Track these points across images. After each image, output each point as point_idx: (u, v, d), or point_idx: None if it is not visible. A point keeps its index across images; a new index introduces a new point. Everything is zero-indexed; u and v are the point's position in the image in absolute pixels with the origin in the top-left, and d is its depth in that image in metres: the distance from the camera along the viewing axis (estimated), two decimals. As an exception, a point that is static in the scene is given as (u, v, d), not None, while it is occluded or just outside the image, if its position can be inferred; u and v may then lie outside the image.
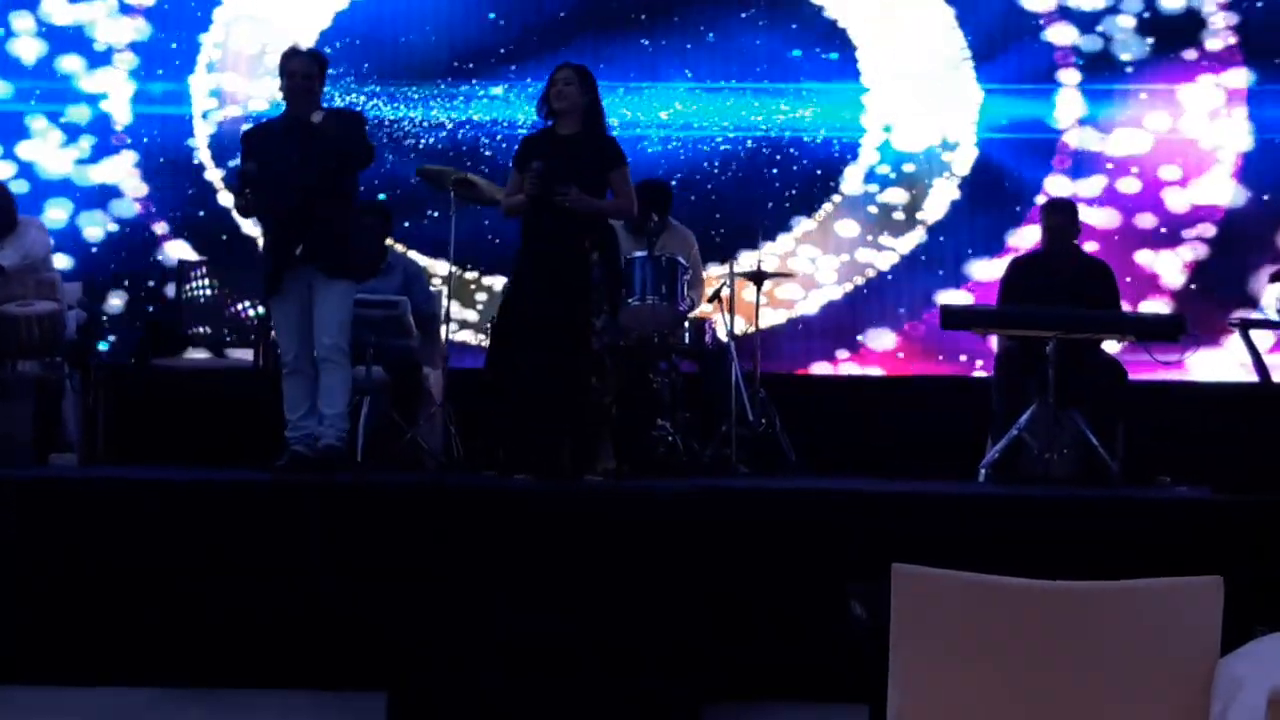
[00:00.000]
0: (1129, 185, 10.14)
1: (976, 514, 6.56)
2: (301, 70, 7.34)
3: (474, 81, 10.39)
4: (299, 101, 7.34)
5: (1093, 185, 10.13)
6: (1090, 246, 9.08)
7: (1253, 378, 7.78)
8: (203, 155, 10.43)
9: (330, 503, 6.53)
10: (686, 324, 8.33)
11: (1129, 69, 10.20)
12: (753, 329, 8.71)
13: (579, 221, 7.18)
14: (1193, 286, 10.09)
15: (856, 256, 10.27)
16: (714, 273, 9.04)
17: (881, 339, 10.21)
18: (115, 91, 10.43)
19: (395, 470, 7.81)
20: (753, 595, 6.37)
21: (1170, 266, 10.10)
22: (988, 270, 10.01)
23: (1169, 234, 10.11)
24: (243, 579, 6.43)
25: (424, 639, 6.02)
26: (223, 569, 6.44)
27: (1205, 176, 10.13)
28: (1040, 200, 9.55)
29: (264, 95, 10.40)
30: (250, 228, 10.22)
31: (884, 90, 10.29)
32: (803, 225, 10.26)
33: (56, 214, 10.30)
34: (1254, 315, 8.33)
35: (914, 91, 10.28)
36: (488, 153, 10.28)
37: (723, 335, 8.45)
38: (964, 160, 10.24)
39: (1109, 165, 10.16)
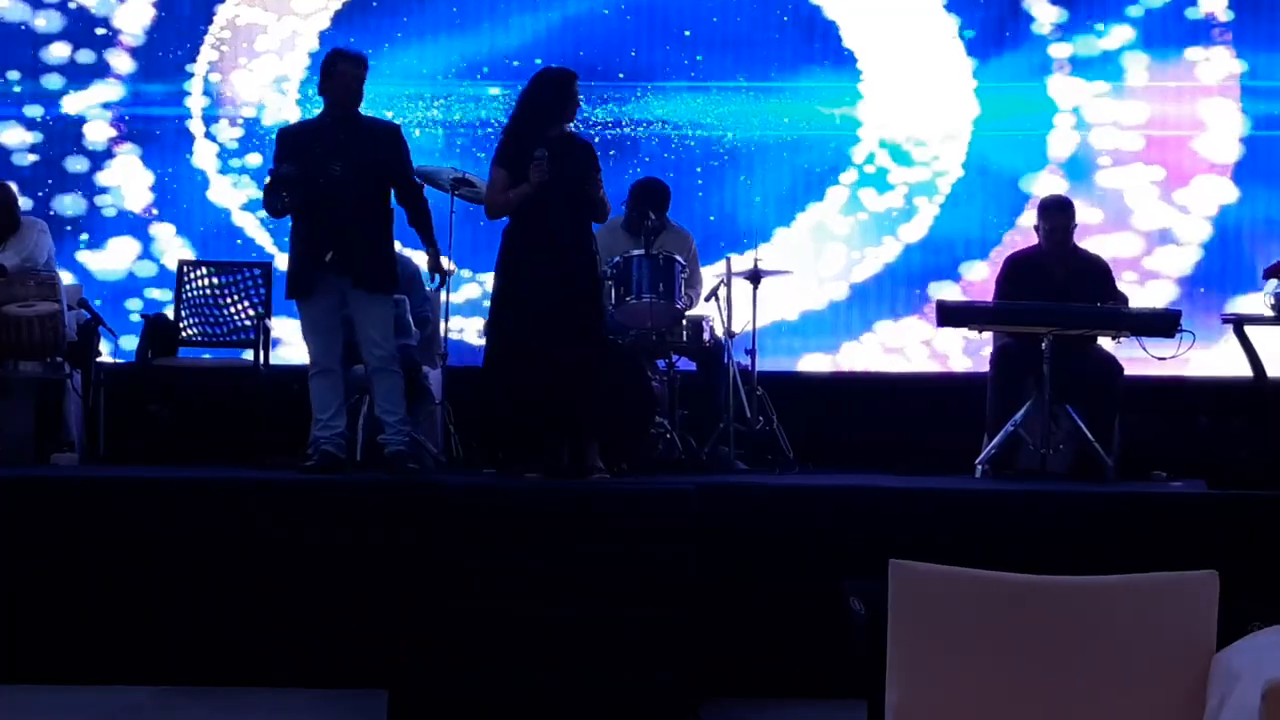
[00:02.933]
0: (1124, 182, 10.15)
1: (973, 510, 6.60)
2: (351, 72, 7.38)
3: (472, 81, 10.39)
4: (344, 105, 7.37)
5: (1088, 183, 10.14)
6: (1087, 243, 9.09)
7: (1248, 373, 7.79)
8: (203, 156, 10.42)
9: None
10: (684, 322, 8.35)
11: (1124, 67, 10.20)
12: (750, 327, 8.73)
13: (584, 215, 7.28)
14: (1188, 283, 10.10)
15: (853, 254, 10.28)
16: (711, 271, 9.05)
17: (879, 336, 10.22)
18: (114, 92, 10.43)
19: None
20: (751, 591, 6.40)
21: (1165, 263, 10.12)
22: (984, 268, 10.02)
23: (1164, 231, 10.12)
24: (244, 576, 6.46)
25: (425, 637, 6.04)
26: (224, 567, 6.47)
27: (1200, 173, 10.13)
28: (1035, 197, 9.56)
29: (262, 96, 10.41)
30: (254, 229, 10.25)
31: (880, 88, 10.30)
32: (799, 223, 10.27)
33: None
34: (1248, 311, 8.35)
35: (910, 89, 10.28)
36: (483, 153, 10.28)
37: (720, 333, 8.48)
38: (960, 157, 10.25)
39: (1104, 163, 10.17)
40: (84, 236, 10.22)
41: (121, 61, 10.39)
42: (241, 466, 7.75)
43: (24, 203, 9.13)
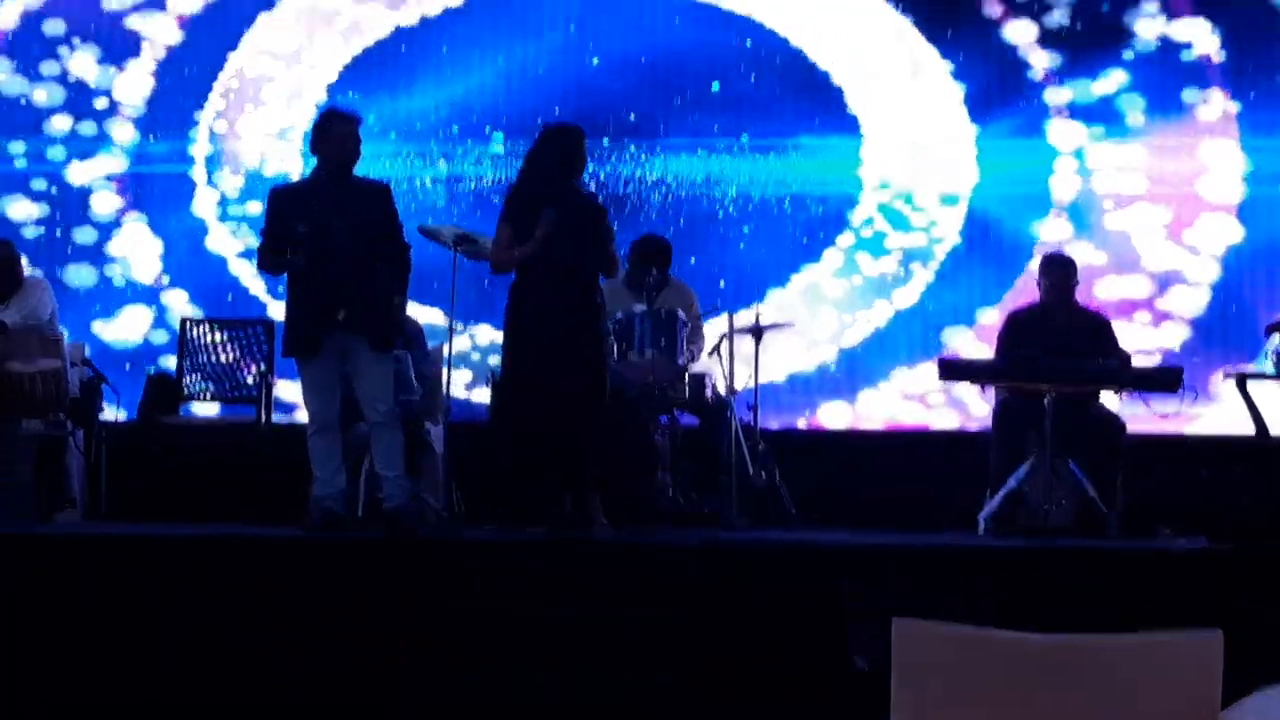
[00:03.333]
0: (1126, 237, 10.17)
1: (976, 566, 6.58)
2: (347, 132, 7.40)
3: (474, 139, 10.44)
4: (339, 164, 7.39)
5: (1090, 237, 10.16)
6: (1098, 285, 9.13)
7: (1250, 430, 7.79)
8: (204, 203, 10.46)
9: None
10: (686, 378, 8.36)
11: (1125, 121, 10.24)
12: (752, 383, 8.74)
13: (591, 273, 7.30)
14: (1200, 325, 10.12)
15: (855, 310, 10.29)
16: (713, 327, 9.06)
17: (880, 392, 10.23)
18: (118, 149, 10.48)
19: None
20: (753, 648, 6.38)
21: (1177, 304, 10.12)
22: (985, 323, 10.04)
23: (1166, 286, 10.14)
24: (245, 634, 6.43)
25: (428, 698, 6.03)
26: (225, 624, 6.45)
27: (1202, 228, 10.16)
28: (1038, 253, 9.59)
29: (265, 155, 10.46)
30: (255, 283, 10.28)
31: (881, 145, 10.34)
32: (801, 279, 10.30)
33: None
34: (1250, 368, 8.35)
35: (911, 146, 10.33)
36: (486, 210, 10.31)
37: (722, 389, 8.48)
38: (961, 214, 10.28)
39: (1106, 217, 10.20)
40: (96, 306, 10.28)
41: (124, 132, 10.45)
42: (243, 524, 7.74)
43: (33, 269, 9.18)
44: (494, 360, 9.90)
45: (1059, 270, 8.36)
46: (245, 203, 10.41)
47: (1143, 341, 9.93)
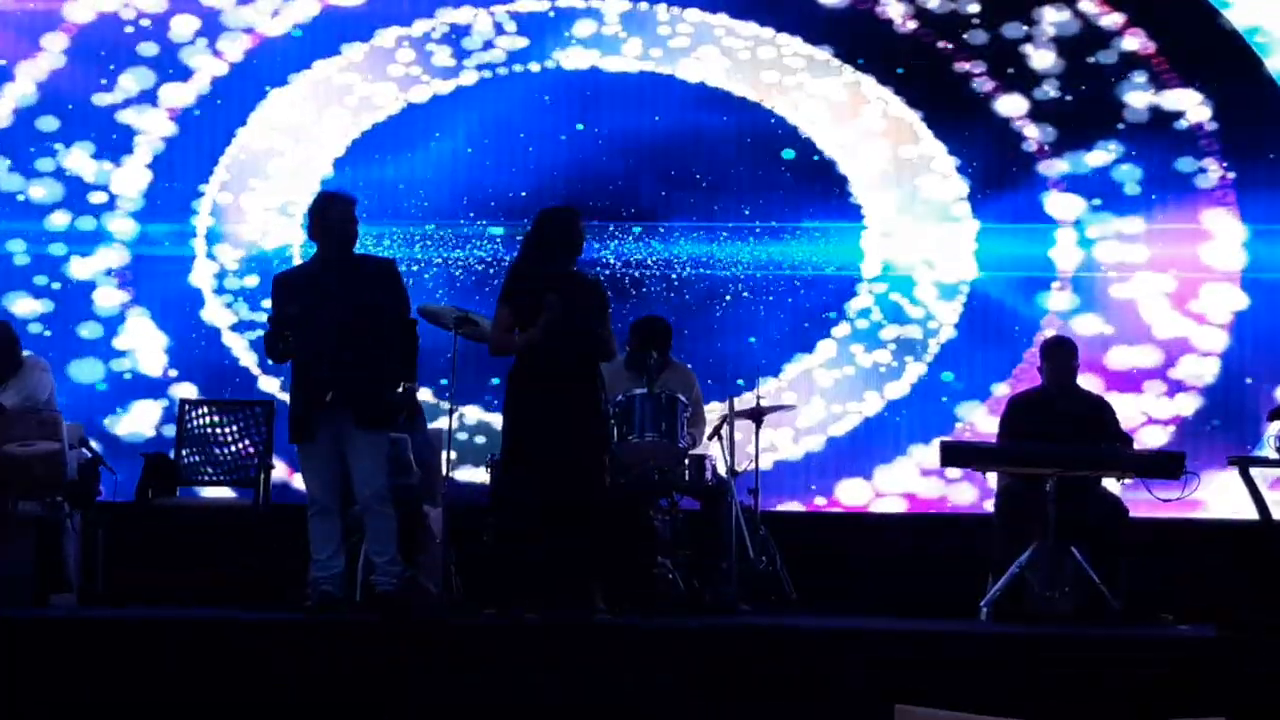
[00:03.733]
0: (1127, 321, 10.19)
1: (979, 653, 6.53)
2: (345, 215, 7.41)
3: (474, 222, 10.47)
4: (340, 246, 7.40)
5: (1091, 321, 10.17)
6: (1089, 382, 9.12)
7: (1254, 516, 7.76)
8: (201, 275, 10.49)
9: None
10: (687, 461, 8.34)
11: (1127, 203, 10.28)
12: (753, 466, 8.71)
13: (592, 357, 7.28)
14: (1202, 407, 10.11)
15: (856, 393, 10.29)
16: (714, 410, 9.05)
17: (881, 476, 10.20)
18: (118, 243, 10.52)
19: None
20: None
21: (1169, 402, 10.12)
22: (986, 407, 10.03)
23: (1168, 369, 10.14)
24: (243, 717, 6.39)
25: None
26: (223, 707, 6.40)
27: (1204, 311, 10.17)
28: (1040, 338, 9.59)
29: (265, 236, 10.49)
30: (247, 356, 10.29)
31: (883, 229, 10.37)
32: (802, 362, 10.30)
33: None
34: (1254, 453, 8.33)
35: (912, 230, 10.36)
36: (487, 290, 10.33)
37: (723, 472, 8.46)
38: (963, 298, 10.30)
39: (1107, 300, 10.21)
40: (105, 401, 10.32)
41: (123, 225, 10.50)
42: (241, 607, 7.70)
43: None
44: (480, 440, 9.94)
45: (1060, 354, 8.36)
46: (244, 277, 10.45)
47: (1156, 411, 10.00)
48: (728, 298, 10.36)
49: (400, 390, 7.52)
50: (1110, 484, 8.20)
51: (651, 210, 10.38)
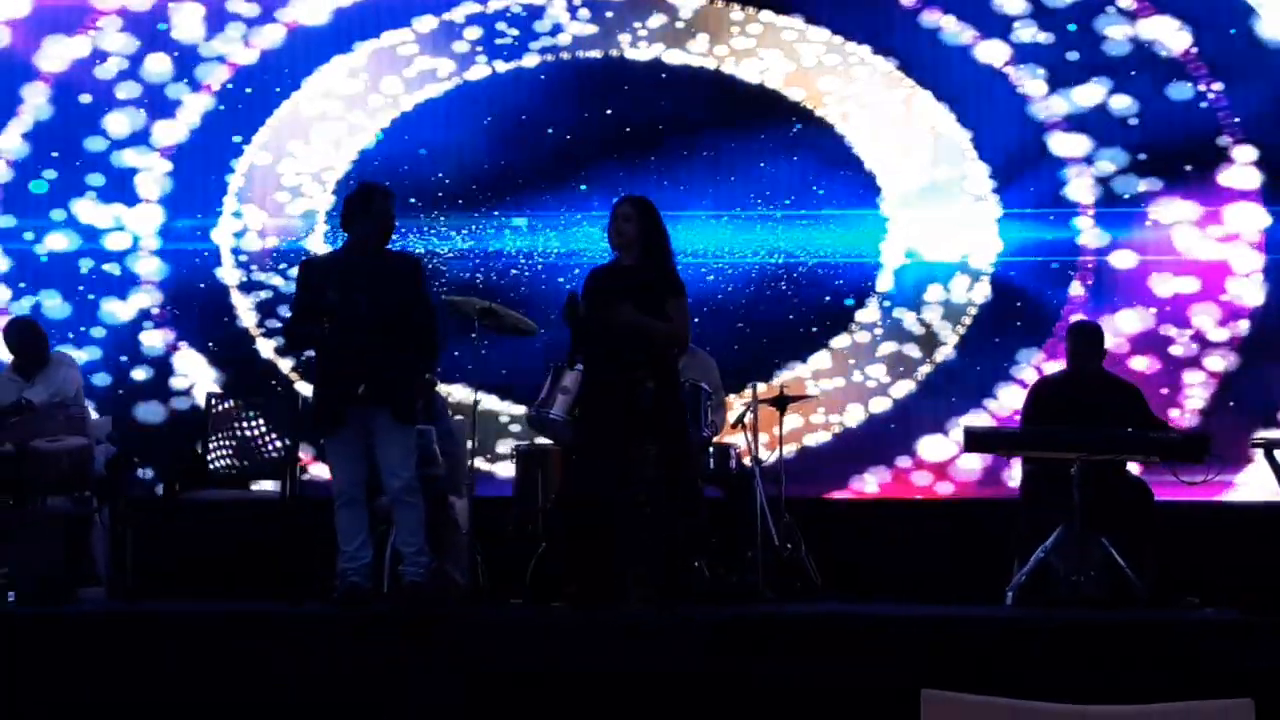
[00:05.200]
0: (1151, 305, 10.17)
1: (1005, 638, 6.53)
2: (386, 210, 7.44)
3: (497, 213, 10.49)
4: (377, 240, 7.43)
5: (1115, 305, 10.15)
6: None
7: (1278, 498, 7.74)
8: (234, 298, 10.54)
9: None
10: (710, 450, 8.35)
11: (1147, 188, 10.26)
12: (777, 454, 8.72)
13: (633, 349, 7.21)
14: (1218, 405, 10.08)
15: (879, 380, 10.29)
16: (737, 398, 9.06)
17: (906, 462, 10.20)
18: (143, 227, 10.56)
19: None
20: (782, 721, 6.34)
21: (1195, 385, 10.10)
22: (1011, 393, 10.02)
23: (1193, 352, 10.12)
24: (271, 710, 6.41)
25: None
26: (251, 700, 6.43)
27: (1228, 294, 10.15)
28: (1064, 322, 9.59)
29: (290, 229, 10.52)
30: (277, 357, 10.33)
31: (904, 215, 10.36)
32: (825, 350, 10.30)
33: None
34: (1278, 434, 8.30)
35: (934, 216, 10.35)
36: (509, 283, 10.35)
37: (747, 461, 8.46)
38: (986, 283, 10.29)
39: (1131, 285, 10.19)
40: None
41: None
42: (269, 598, 7.74)
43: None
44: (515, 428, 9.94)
45: (1086, 338, 8.35)
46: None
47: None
48: (750, 286, 10.36)
49: (423, 381, 7.55)
50: (1135, 468, 8.19)
51: (675, 199, 10.37)
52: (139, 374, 10.50)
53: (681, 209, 10.29)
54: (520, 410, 9.97)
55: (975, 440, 8.06)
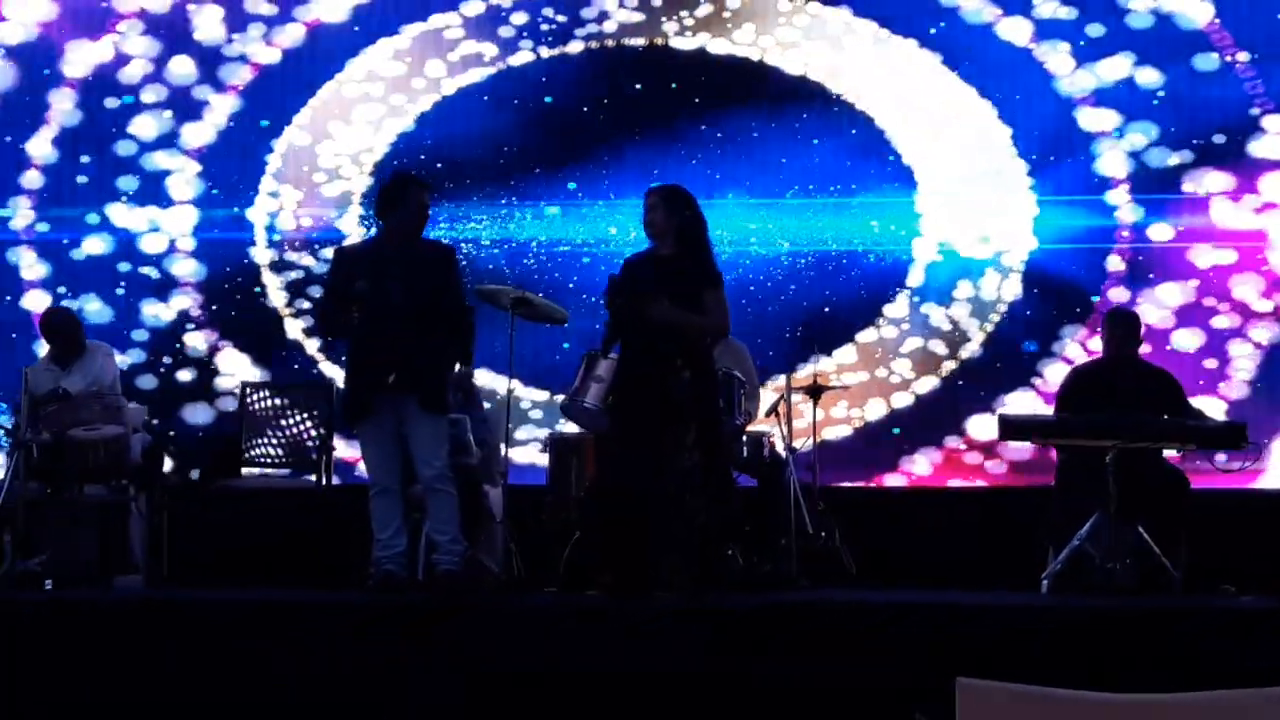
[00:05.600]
0: (1193, 278, 10.15)
1: (1040, 626, 6.52)
2: (422, 202, 7.44)
3: (531, 201, 10.50)
4: (414, 230, 7.43)
5: (1151, 293, 10.13)
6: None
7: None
8: (265, 277, 10.58)
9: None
10: (744, 438, 8.34)
11: (1180, 161, 10.24)
12: (811, 442, 8.71)
13: (667, 339, 7.19)
14: (1266, 374, 10.06)
15: (914, 368, 10.28)
16: (771, 386, 9.06)
17: (941, 450, 10.19)
18: (178, 228, 10.63)
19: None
20: (815, 710, 6.33)
21: (1242, 357, 10.07)
22: (1047, 380, 10.00)
23: (1229, 338, 10.09)
24: (307, 696, 6.43)
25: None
26: (287, 687, 6.45)
27: (1269, 264, 10.13)
28: (1098, 308, 9.57)
29: (325, 217, 10.56)
30: (312, 348, 10.37)
31: (939, 202, 10.35)
32: (859, 338, 10.29)
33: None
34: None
35: (969, 203, 10.33)
36: (540, 270, 10.37)
37: (781, 449, 8.46)
38: (1021, 271, 10.27)
39: (1169, 260, 10.17)
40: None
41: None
42: (305, 586, 7.76)
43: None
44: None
45: (1122, 326, 8.30)
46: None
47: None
48: (781, 274, 10.35)
49: (456, 372, 7.57)
50: (1171, 455, 8.16)
51: (708, 187, 10.37)
52: (184, 375, 10.56)
53: (714, 196, 10.30)
54: (543, 397, 10.00)
55: (1010, 428, 8.03)
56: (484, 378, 9.81)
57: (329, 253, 8.40)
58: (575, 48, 10.62)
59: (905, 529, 9.25)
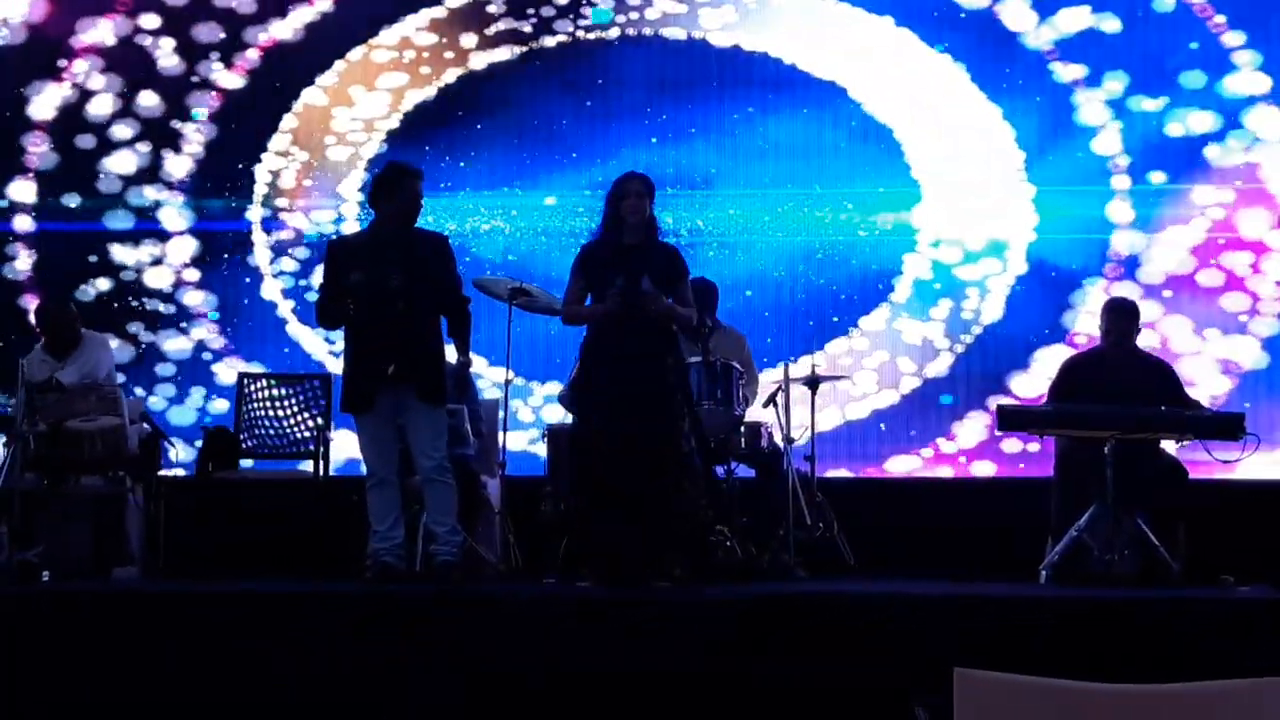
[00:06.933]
0: (1184, 283, 10.14)
1: (1039, 617, 6.51)
2: (415, 191, 7.42)
3: (526, 191, 10.50)
4: (408, 218, 7.42)
5: (1147, 283, 10.13)
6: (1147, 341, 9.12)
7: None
8: (262, 268, 10.58)
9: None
10: (743, 428, 8.33)
11: (1181, 165, 10.23)
12: (809, 432, 8.70)
13: (660, 331, 7.20)
14: (1252, 381, 10.06)
15: (912, 358, 10.27)
16: (769, 377, 9.05)
17: (938, 441, 10.18)
18: (173, 208, 10.61)
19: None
20: (813, 701, 6.33)
21: (1229, 363, 10.07)
22: (1044, 369, 10.00)
23: (1226, 328, 10.08)
24: (303, 688, 6.43)
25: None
26: (283, 679, 6.44)
27: (1261, 273, 10.12)
28: (1092, 297, 9.56)
29: (321, 210, 10.56)
30: (310, 338, 10.36)
31: (936, 192, 10.34)
32: (857, 328, 10.29)
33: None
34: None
35: (966, 193, 10.33)
36: (541, 261, 10.36)
37: (779, 439, 8.45)
38: (1018, 260, 10.26)
39: (1163, 263, 10.16)
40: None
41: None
42: (301, 577, 7.75)
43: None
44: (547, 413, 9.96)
45: (1120, 316, 8.29)
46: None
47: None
48: (784, 265, 10.35)
49: (456, 364, 7.56)
50: (1169, 445, 8.16)
51: (707, 177, 10.37)
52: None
53: (713, 186, 10.31)
54: (553, 388, 9.99)
55: (1008, 419, 8.01)
56: (481, 367, 9.81)
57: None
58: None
59: (905, 520, 9.24)
